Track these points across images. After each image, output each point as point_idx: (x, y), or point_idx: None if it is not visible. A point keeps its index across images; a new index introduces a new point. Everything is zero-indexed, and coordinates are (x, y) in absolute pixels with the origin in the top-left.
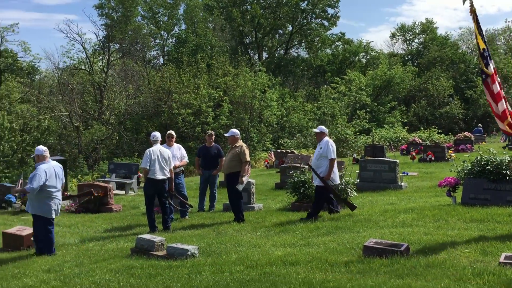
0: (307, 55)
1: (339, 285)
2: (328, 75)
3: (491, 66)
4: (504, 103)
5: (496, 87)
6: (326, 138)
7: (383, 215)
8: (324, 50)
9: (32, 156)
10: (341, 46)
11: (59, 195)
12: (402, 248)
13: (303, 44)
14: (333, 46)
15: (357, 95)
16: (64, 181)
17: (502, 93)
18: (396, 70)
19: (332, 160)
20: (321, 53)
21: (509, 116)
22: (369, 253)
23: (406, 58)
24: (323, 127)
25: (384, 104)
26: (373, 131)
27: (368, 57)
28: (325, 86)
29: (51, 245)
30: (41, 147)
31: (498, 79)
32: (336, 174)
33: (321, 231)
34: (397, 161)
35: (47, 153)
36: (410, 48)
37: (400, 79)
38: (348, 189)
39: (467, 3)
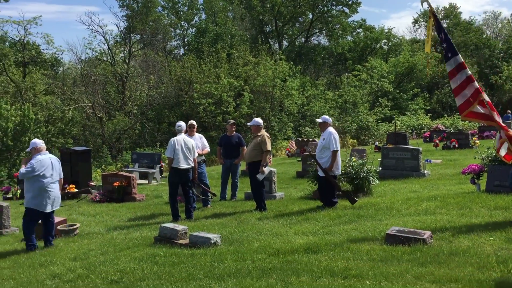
0: (327, 43)
1: (361, 273)
2: (349, 63)
3: (452, 62)
4: (464, 97)
5: (456, 82)
6: (330, 128)
7: (406, 203)
8: (345, 38)
9: (27, 150)
10: (362, 33)
11: (55, 187)
12: (425, 236)
13: (323, 31)
14: (354, 33)
15: (379, 83)
16: (62, 176)
17: (467, 87)
18: (418, 57)
19: (334, 152)
20: (342, 41)
21: (471, 106)
22: (391, 241)
23: None
24: (326, 116)
25: (407, 91)
26: (396, 118)
27: (390, 44)
28: (346, 74)
29: (30, 245)
30: (36, 140)
31: (468, 72)
32: (338, 165)
33: (343, 219)
34: (420, 148)
35: (43, 145)
36: (433, 34)
37: (423, 66)
38: (370, 177)
39: (425, 4)
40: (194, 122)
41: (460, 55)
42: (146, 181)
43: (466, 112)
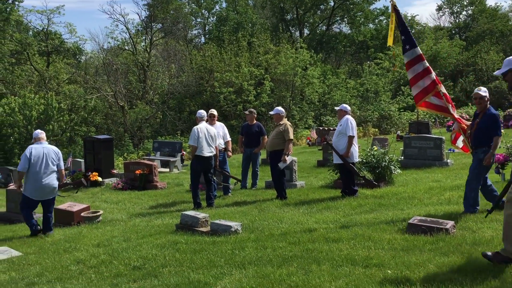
0: (349, 31)
1: (383, 262)
2: (371, 51)
3: (410, 54)
4: (419, 88)
5: (413, 72)
6: (347, 116)
7: (428, 193)
8: (367, 25)
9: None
10: (385, 20)
11: (47, 178)
12: (448, 226)
13: (345, 19)
14: (376, 20)
15: (401, 71)
16: (62, 167)
17: (423, 78)
18: (442, 45)
19: (350, 137)
20: (364, 29)
21: (425, 96)
22: (413, 230)
23: (453, 32)
24: (345, 105)
25: None
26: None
27: (413, 31)
28: (368, 62)
29: (32, 228)
30: (37, 131)
31: (426, 64)
32: (354, 152)
33: (364, 208)
34: (443, 137)
35: (42, 135)
36: (457, 21)
37: (447, 54)
38: (391, 167)
39: None
40: (214, 111)
41: (418, 47)
42: (167, 169)
43: (421, 102)
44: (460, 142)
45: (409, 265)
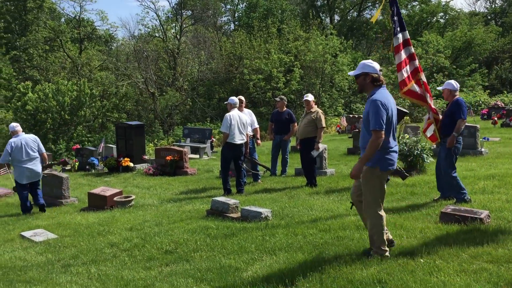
0: (381, 17)
1: (415, 250)
2: None
3: (400, 37)
4: (405, 73)
5: (400, 57)
6: None
7: (462, 182)
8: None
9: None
10: (418, 6)
11: (30, 164)
12: (482, 216)
13: (377, 5)
14: (409, 6)
15: (434, 58)
16: (43, 151)
17: (408, 64)
18: (477, 31)
19: None
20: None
21: (409, 84)
22: (446, 219)
23: (489, 17)
24: None
25: (464, 67)
26: None
27: (447, 17)
28: None
29: (23, 205)
30: (12, 124)
31: (411, 51)
32: None
33: (396, 196)
34: (478, 126)
35: (18, 128)
36: (493, 6)
37: (482, 40)
38: (424, 155)
39: None
40: (242, 97)
41: (407, 31)
42: (197, 156)
43: (405, 90)
44: (429, 131)
45: (442, 255)
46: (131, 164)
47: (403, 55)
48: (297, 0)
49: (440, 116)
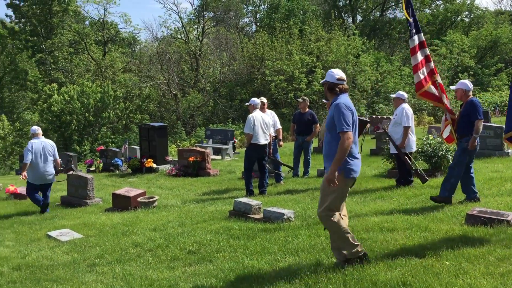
0: (404, 17)
1: (440, 253)
2: (427, 37)
3: (415, 39)
4: (421, 75)
5: (416, 59)
6: (403, 104)
7: (488, 183)
8: (422, 11)
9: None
10: (442, 5)
11: (46, 166)
12: (509, 218)
13: (400, 4)
14: (432, 5)
15: (459, 58)
16: (57, 157)
17: (424, 66)
18: (503, 30)
19: (406, 128)
20: (419, 14)
21: (426, 85)
22: (472, 221)
23: None
24: (401, 92)
25: (489, 67)
26: (477, 95)
27: (472, 16)
28: None
29: (36, 201)
30: (34, 127)
31: (427, 52)
32: (411, 142)
33: (420, 198)
34: (504, 126)
35: (39, 131)
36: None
37: (508, 39)
38: (448, 156)
39: None
40: (264, 99)
41: (422, 33)
42: (219, 157)
43: (421, 91)
44: (446, 132)
45: (468, 257)
46: (154, 165)
47: (419, 56)
48: (319, 1)
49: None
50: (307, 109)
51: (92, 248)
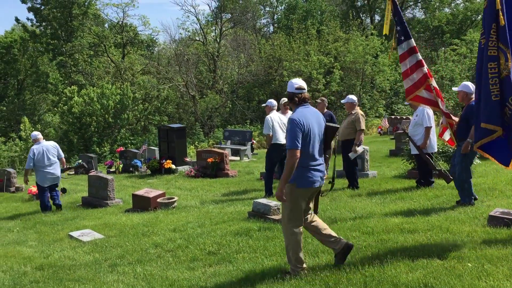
0: (423, 16)
1: (462, 254)
2: (447, 36)
3: (404, 46)
4: (410, 81)
5: (405, 65)
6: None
7: (510, 184)
8: (442, 10)
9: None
10: (462, 4)
11: (51, 168)
12: None
13: (419, 4)
14: (452, 4)
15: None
16: (62, 156)
17: (414, 72)
18: None
19: (428, 128)
20: (439, 13)
21: (416, 90)
22: (495, 223)
23: None
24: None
25: None
26: None
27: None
28: (443, 48)
29: (43, 203)
30: (34, 133)
31: (419, 57)
32: (432, 143)
33: (441, 199)
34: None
35: (40, 136)
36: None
37: None
38: None
39: None
40: (286, 99)
41: (412, 39)
42: (237, 158)
43: (412, 96)
44: (447, 135)
45: (491, 259)
46: (173, 166)
47: (408, 64)
48: (337, 1)
49: (456, 118)
50: (325, 110)
51: (113, 248)
